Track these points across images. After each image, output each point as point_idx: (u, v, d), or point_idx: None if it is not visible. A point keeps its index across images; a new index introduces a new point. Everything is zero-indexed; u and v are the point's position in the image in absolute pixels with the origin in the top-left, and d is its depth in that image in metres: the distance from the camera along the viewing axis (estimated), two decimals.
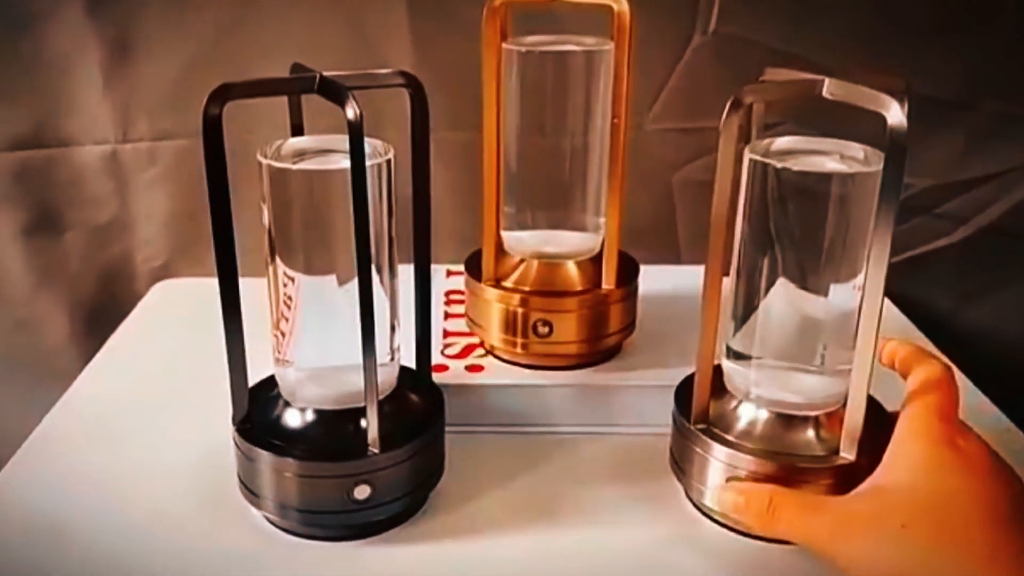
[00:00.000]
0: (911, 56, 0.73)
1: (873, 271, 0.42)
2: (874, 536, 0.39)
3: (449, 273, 0.71)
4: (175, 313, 0.73)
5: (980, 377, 0.63)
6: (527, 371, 0.58)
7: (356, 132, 0.40)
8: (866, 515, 0.40)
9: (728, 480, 0.46)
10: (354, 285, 0.43)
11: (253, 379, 0.48)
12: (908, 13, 0.73)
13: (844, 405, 0.45)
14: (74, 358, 0.77)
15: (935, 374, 0.44)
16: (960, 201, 0.77)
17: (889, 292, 0.75)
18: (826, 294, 0.44)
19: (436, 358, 0.58)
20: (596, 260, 0.57)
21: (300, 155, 0.45)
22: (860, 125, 0.43)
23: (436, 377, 0.54)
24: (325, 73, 0.43)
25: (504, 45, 0.54)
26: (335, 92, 0.41)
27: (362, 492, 0.45)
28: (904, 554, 0.38)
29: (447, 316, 0.65)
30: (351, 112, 0.40)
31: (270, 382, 0.49)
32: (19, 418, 0.60)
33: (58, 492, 0.51)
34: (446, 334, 0.62)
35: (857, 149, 0.44)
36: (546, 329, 0.56)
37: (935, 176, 0.77)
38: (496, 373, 0.58)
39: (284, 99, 0.48)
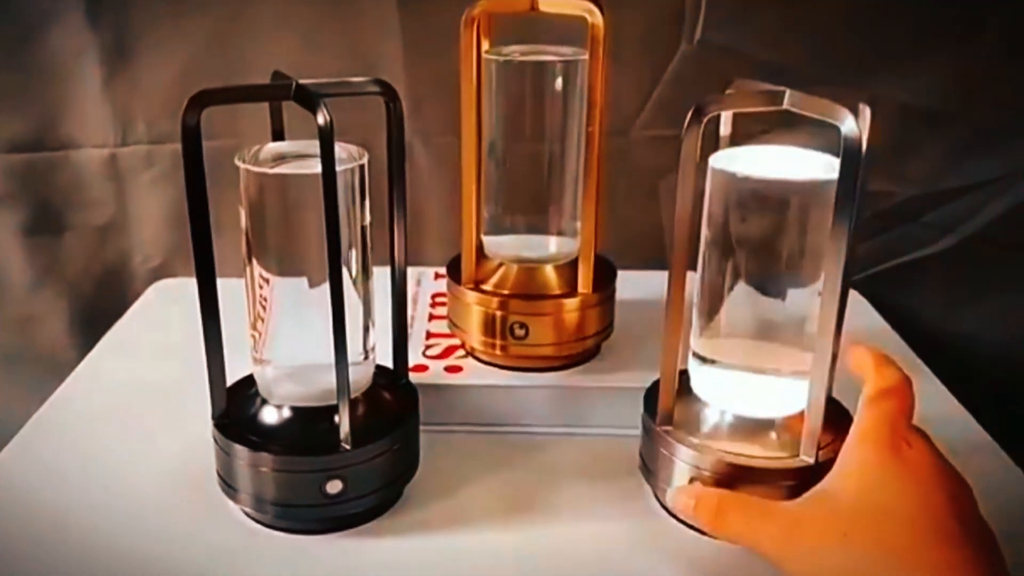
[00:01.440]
0: (896, 66, 0.74)
1: (830, 276, 0.42)
2: (817, 542, 0.40)
3: (437, 276, 0.73)
4: (170, 312, 0.75)
5: (963, 386, 0.64)
6: (505, 372, 0.59)
7: (327, 138, 0.41)
8: (810, 521, 0.41)
9: (691, 481, 0.47)
10: (326, 287, 0.44)
11: (238, 376, 0.50)
12: (894, 24, 0.74)
13: (805, 408, 0.46)
14: (72, 355, 0.79)
15: (892, 382, 0.45)
16: (945, 210, 0.78)
17: (874, 300, 0.76)
18: (784, 298, 0.45)
19: (418, 359, 0.60)
20: (574, 264, 0.58)
21: (279, 159, 0.47)
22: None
23: (416, 377, 0.55)
24: (302, 81, 0.44)
25: (484, 54, 0.55)
26: (308, 100, 0.42)
27: (334, 487, 0.46)
28: (844, 561, 0.39)
29: (432, 318, 0.66)
30: (321, 119, 0.41)
31: (250, 380, 0.50)
32: (18, 414, 0.62)
33: (45, 483, 0.53)
34: (429, 335, 0.64)
35: (819, 157, 0.45)
36: (523, 332, 0.57)
37: (920, 185, 0.78)
38: (474, 374, 0.59)
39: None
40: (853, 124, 0.40)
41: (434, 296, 0.70)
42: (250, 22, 0.74)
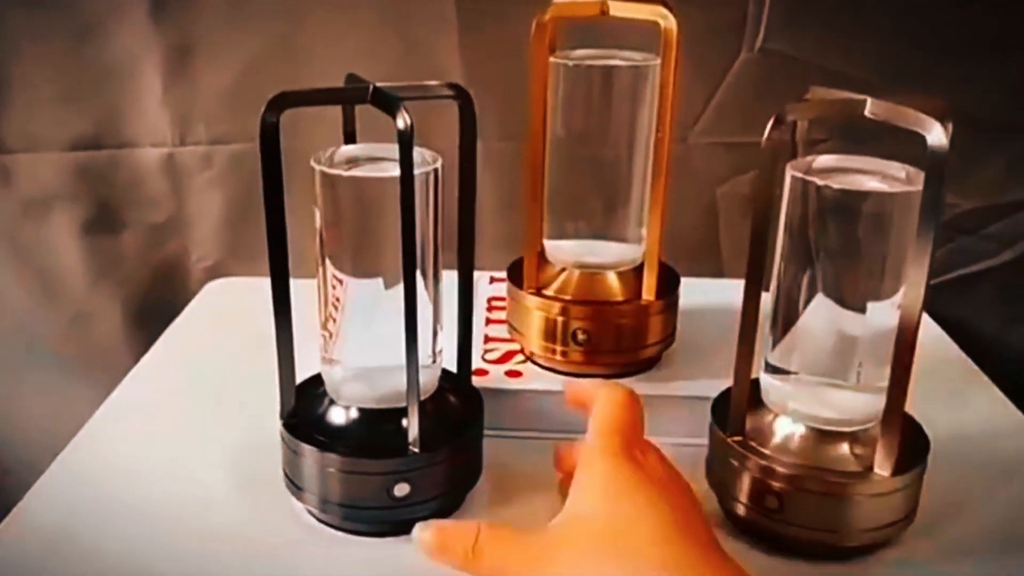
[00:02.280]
0: (959, 76, 0.73)
1: (911, 290, 0.42)
2: (561, 563, 0.39)
3: (492, 280, 0.73)
4: (226, 311, 0.75)
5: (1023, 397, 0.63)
6: (566, 378, 0.59)
7: (406, 142, 0.42)
8: (561, 543, 0.40)
9: (760, 495, 0.46)
10: (399, 289, 0.44)
11: (299, 376, 0.50)
12: (956, 33, 0.73)
13: (881, 422, 0.45)
14: (128, 353, 0.80)
15: (616, 395, 0.46)
16: (1006, 222, 0.77)
17: (933, 312, 0.75)
18: (863, 311, 0.45)
19: (477, 363, 0.60)
20: (637, 271, 0.58)
21: (352, 162, 0.47)
22: (904, 143, 0.43)
23: (476, 381, 0.55)
24: (378, 84, 0.44)
25: (551, 59, 0.55)
26: (387, 103, 0.42)
27: (401, 490, 0.46)
28: None
29: (488, 322, 0.66)
30: (402, 122, 0.41)
31: (317, 380, 0.51)
32: (74, 410, 0.63)
33: (108, 482, 0.53)
34: (487, 340, 0.64)
35: (899, 168, 0.45)
36: (585, 338, 0.57)
37: (981, 197, 0.76)
38: (535, 379, 0.59)
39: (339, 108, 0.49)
40: (941, 134, 0.39)
41: (489, 300, 0.70)
42: (310, 25, 0.75)
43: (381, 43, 0.75)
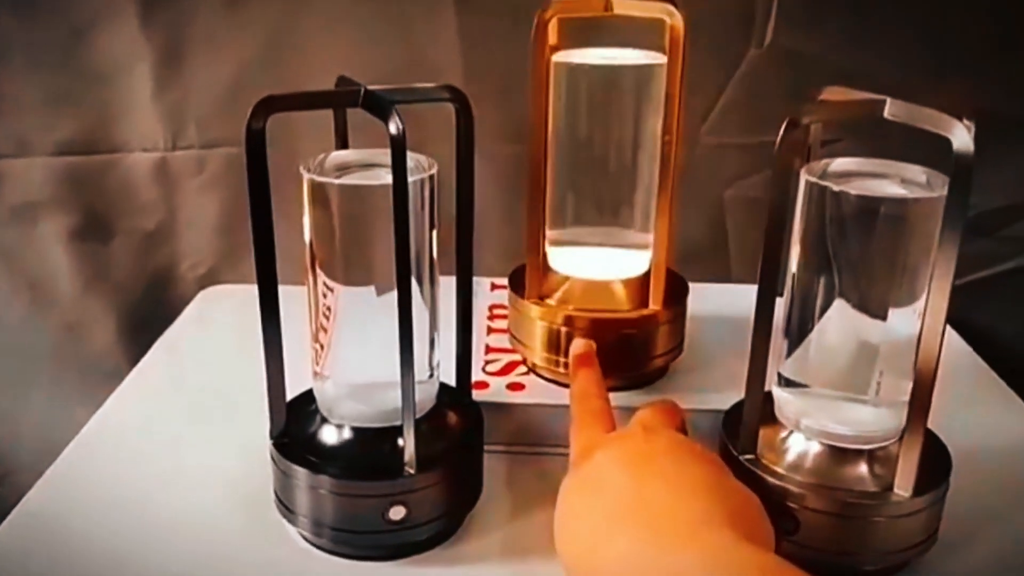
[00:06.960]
0: (975, 73, 0.70)
1: (935, 298, 0.40)
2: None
3: (494, 286, 0.71)
4: (221, 319, 0.73)
5: None
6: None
7: (399, 148, 0.39)
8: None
9: (784, 514, 0.44)
10: (393, 297, 0.42)
11: (298, 388, 0.48)
12: (972, 29, 0.70)
13: (900, 439, 0.43)
14: (120, 361, 0.78)
15: (655, 407, 0.48)
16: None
17: (949, 317, 0.73)
18: (884, 318, 0.42)
19: (477, 375, 0.57)
20: (644, 279, 0.56)
21: (343, 169, 0.45)
22: (925, 141, 0.41)
23: (476, 394, 0.53)
24: (370, 87, 0.42)
25: (553, 58, 0.53)
26: (379, 107, 0.40)
27: (397, 513, 0.44)
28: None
29: (490, 331, 0.64)
30: (394, 127, 0.39)
31: (309, 396, 0.48)
32: (70, 418, 0.61)
33: (97, 497, 0.51)
34: (488, 350, 0.61)
35: (918, 172, 0.42)
36: None
37: (999, 198, 0.74)
38: (538, 393, 0.57)
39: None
40: (965, 137, 0.37)
41: (491, 307, 0.67)
42: (303, 27, 0.73)
43: (379, 43, 0.73)
